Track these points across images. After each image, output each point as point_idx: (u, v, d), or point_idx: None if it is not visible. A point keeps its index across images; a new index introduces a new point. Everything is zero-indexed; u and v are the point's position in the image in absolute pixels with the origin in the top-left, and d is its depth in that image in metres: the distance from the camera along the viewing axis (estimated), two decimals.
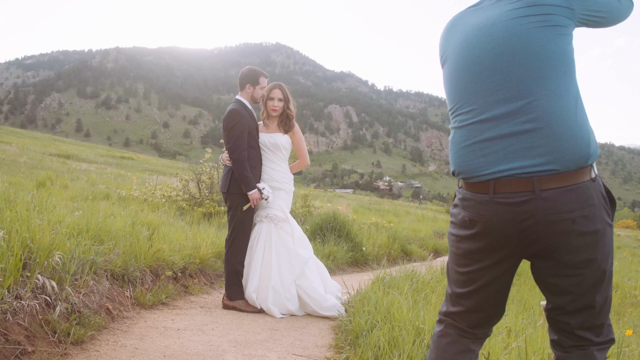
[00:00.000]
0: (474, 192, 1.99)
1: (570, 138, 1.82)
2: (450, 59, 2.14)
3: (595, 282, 1.90)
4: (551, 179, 1.80)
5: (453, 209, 2.14)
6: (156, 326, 4.22)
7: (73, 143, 67.73)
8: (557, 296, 1.97)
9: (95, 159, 34.30)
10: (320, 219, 10.32)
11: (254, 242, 5.26)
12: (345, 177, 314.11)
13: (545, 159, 1.81)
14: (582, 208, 1.81)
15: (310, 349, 4.03)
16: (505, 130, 1.89)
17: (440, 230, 20.74)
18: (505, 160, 1.87)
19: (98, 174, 17.97)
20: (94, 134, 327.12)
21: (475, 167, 1.96)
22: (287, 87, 5.40)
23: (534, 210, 1.82)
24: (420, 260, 12.16)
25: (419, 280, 6.00)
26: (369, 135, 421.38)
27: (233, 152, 5.11)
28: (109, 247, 4.73)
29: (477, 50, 1.99)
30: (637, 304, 8.82)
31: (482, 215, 1.95)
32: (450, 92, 2.13)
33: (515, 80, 1.88)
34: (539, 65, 1.85)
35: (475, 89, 1.99)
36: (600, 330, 1.98)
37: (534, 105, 1.84)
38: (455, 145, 2.09)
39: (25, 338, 3.20)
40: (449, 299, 2.21)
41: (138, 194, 10.75)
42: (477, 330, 2.17)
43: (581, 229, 1.82)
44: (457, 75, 2.08)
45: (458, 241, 2.10)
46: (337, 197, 35.10)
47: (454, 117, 2.11)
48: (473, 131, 1.98)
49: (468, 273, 2.09)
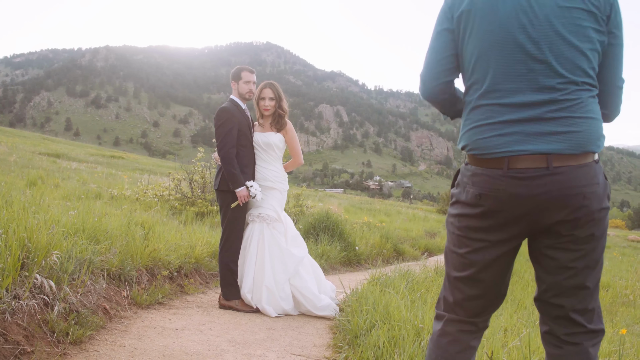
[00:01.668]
0: (487, 167, 1.99)
1: (588, 130, 1.91)
2: (480, 17, 2.01)
3: (592, 261, 1.99)
4: (562, 158, 1.88)
5: (455, 189, 2.14)
6: (154, 326, 4.22)
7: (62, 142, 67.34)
8: (554, 273, 2.01)
9: (86, 158, 34.11)
10: (313, 219, 10.33)
11: (247, 242, 5.26)
12: (336, 177, 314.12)
13: (561, 146, 1.88)
14: (591, 184, 1.91)
15: (309, 348, 4.03)
16: (527, 114, 1.92)
17: (431, 229, 20.79)
18: (521, 143, 1.91)
19: (89, 173, 17.86)
20: (83, 133, 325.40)
21: (490, 145, 1.97)
22: (278, 86, 5.41)
23: (548, 184, 1.88)
24: (412, 259, 12.19)
25: (414, 279, 6.02)
26: (360, 134, 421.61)
27: (221, 150, 5.13)
28: (105, 247, 4.72)
29: (517, 25, 1.94)
30: (628, 303, 8.88)
31: (495, 189, 1.95)
32: (476, 62, 2.04)
33: (552, 72, 1.91)
34: (578, 61, 1.91)
35: (507, 69, 1.96)
36: (592, 316, 2.03)
37: (563, 98, 1.90)
38: (470, 122, 2.07)
39: (24, 338, 3.19)
40: (449, 288, 2.20)
41: (130, 194, 10.70)
42: (477, 319, 2.16)
43: (590, 205, 1.91)
44: (488, 45, 2.00)
45: (462, 221, 2.08)
46: (328, 197, 35.08)
47: (475, 93, 2.06)
48: (493, 112, 1.98)
49: (471, 253, 2.08)
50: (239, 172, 5.11)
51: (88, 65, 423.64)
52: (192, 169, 10.61)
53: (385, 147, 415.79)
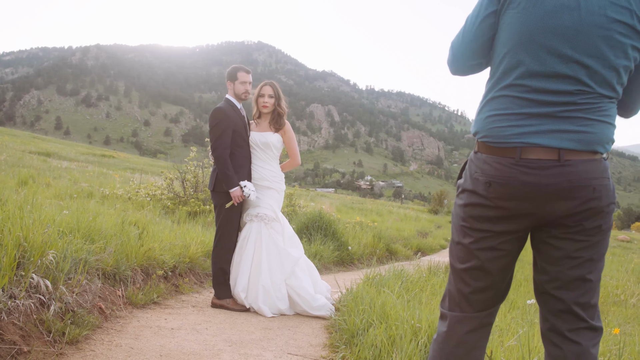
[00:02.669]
0: (498, 155, 1.99)
1: (600, 133, 1.93)
2: (524, 7, 1.96)
3: (596, 254, 2.00)
4: (573, 153, 1.90)
5: (461, 180, 2.14)
6: (150, 325, 4.20)
7: (53, 141, 66.95)
8: (558, 263, 2.02)
9: (76, 157, 33.94)
10: (306, 218, 10.35)
11: (244, 242, 5.25)
12: (327, 176, 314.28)
13: (574, 145, 1.90)
14: (600, 178, 1.93)
15: (305, 348, 4.04)
16: (545, 110, 1.93)
17: (423, 229, 20.88)
18: (535, 136, 1.92)
19: (80, 172, 17.79)
20: (73, 132, 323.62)
21: (504, 134, 1.97)
22: (278, 85, 5.41)
23: (559, 175, 1.90)
24: (405, 259, 12.24)
25: (408, 279, 6.03)
26: (351, 134, 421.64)
27: (215, 150, 5.13)
28: (100, 246, 4.70)
29: (560, 20, 1.91)
30: (619, 302, 8.93)
31: (506, 177, 1.95)
32: (507, 52, 2.02)
33: (578, 82, 1.91)
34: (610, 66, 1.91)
35: (536, 66, 1.94)
36: (594, 313, 2.04)
37: (583, 102, 1.91)
38: (488, 109, 2.06)
39: (21, 338, 3.17)
40: (454, 282, 2.17)
41: (122, 193, 10.67)
42: (481, 313, 2.14)
43: (600, 198, 1.93)
44: (525, 39, 1.96)
45: (468, 210, 2.07)
46: (319, 196, 35.13)
47: (500, 83, 2.04)
48: (513, 104, 1.98)
49: (475, 243, 2.07)
50: (232, 172, 5.10)
51: (78, 64, 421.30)
52: (184, 169, 10.58)
53: (376, 146, 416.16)
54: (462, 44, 2.15)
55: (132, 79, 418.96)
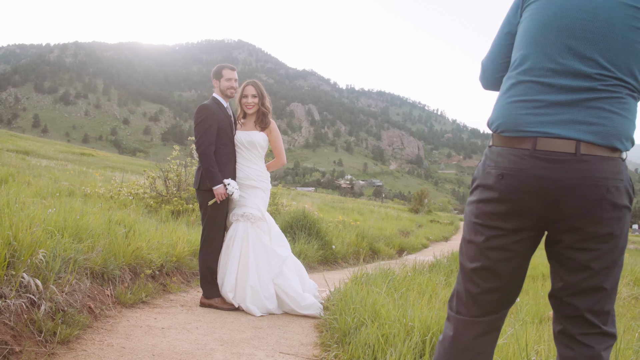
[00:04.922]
0: (513, 146, 1.97)
1: (619, 127, 1.90)
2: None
3: (610, 262, 1.95)
4: (591, 147, 1.87)
5: (475, 174, 2.12)
6: (140, 325, 4.19)
7: (30, 139, 66.25)
8: (572, 273, 1.98)
9: (55, 156, 33.63)
10: (290, 217, 10.35)
11: (230, 242, 5.23)
12: (307, 175, 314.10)
13: (591, 137, 1.86)
14: (615, 179, 1.88)
15: (297, 347, 4.04)
16: (564, 98, 1.91)
17: (404, 228, 20.96)
18: (552, 125, 1.90)
19: (60, 171, 17.62)
20: (51, 130, 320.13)
21: (522, 121, 1.95)
22: (261, 84, 5.41)
23: (572, 170, 1.86)
24: (388, 258, 12.27)
25: (395, 278, 6.06)
26: (331, 133, 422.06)
27: (199, 147, 5.14)
28: (88, 245, 4.67)
29: (576, 12, 1.94)
30: None
31: (519, 169, 1.93)
32: (526, 38, 2.07)
33: (597, 64, 1.90)
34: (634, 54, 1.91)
35: (554, 50, 1.96)
36: (607, 319, 2.00)
37: (603, 88, 1.89)
38: (508, 97, 2.05)
39: (12, 337, 3.14)
40: (462, 282, 2.13)
41: (104, 192, 10.60)
42: (489, 317, 2.09)
43: (612, 199, 1.88)
44: (542, 24, 2.01)
45: (480, 207, 2.06)
46: (300, 195, 35.07)
47: (519, 68, 2.06)
48: (532, 89, 1.97)
49: (487, 241, 2.04)
50: (216, 169, 5.11)
51: (56, 61, 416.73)
52: (167, 167, 10.53)
53: (356, 146, 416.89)
54: (488, 60, 2.29)
55: (111, 77, 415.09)
